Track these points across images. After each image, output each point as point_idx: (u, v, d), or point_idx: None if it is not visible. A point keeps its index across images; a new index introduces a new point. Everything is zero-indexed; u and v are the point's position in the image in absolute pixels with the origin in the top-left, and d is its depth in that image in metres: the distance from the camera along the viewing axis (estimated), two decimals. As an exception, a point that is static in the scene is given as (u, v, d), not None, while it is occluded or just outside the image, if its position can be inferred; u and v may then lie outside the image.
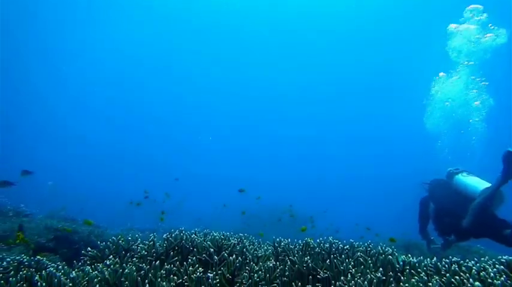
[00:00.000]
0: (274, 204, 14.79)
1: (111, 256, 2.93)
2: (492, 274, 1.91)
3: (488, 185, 4.50)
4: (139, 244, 3.18)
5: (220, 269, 2.42)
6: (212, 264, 2.60)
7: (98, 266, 2.64)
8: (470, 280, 1.90)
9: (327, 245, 2.88)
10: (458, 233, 4.81)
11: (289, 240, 3.19)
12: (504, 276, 1.90)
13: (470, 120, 9.72)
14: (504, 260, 2.08)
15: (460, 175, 4.96)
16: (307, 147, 35.77)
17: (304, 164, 35.26)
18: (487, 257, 2.77)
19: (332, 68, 29.33)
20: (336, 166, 34.10)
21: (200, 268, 2.48)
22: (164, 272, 2.47)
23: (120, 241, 3.15)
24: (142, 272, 2.49)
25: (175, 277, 2.37)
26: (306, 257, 2.61)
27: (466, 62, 10.23)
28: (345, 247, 2.86)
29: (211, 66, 31.32)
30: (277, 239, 3.11)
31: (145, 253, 2.87)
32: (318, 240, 2.98)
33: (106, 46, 28.76)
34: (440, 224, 5.10)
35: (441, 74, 10.85)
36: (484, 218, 4.34)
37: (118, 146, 35.46)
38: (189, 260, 2.66)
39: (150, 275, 2.43)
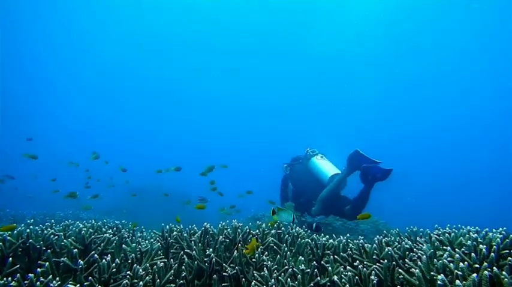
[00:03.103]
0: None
1: None
2: (460, 267, 1.47)
3: (337, 171, 4.80)
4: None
5: (87, 279, 1.70)
6: (77, 271, 1.84)
7: None
8: (439, 274, 1.43)
9: (230, 231, 2.43)
10: (310, 213, 5.08)
11: (181, 226, 2.63)
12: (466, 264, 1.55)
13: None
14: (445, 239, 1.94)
15: (314, 157, 5.08)
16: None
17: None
18: (412, 227, 2.66)
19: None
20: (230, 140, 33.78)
21: (57, 279, 1.70)
22: (-8, 292, 1.61)
23: None
24: (-49, 296, 1.57)
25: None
26: (208, 249, 2.10)
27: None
28: (254, 232, 2.46)
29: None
30: (167, 227, 2.51)
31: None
32: (219, 225, 2.49)
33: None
34: (297, 204, 5.28)
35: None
36: (329, 202, 4.68)
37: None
38: (39, 268, 1.83)
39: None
